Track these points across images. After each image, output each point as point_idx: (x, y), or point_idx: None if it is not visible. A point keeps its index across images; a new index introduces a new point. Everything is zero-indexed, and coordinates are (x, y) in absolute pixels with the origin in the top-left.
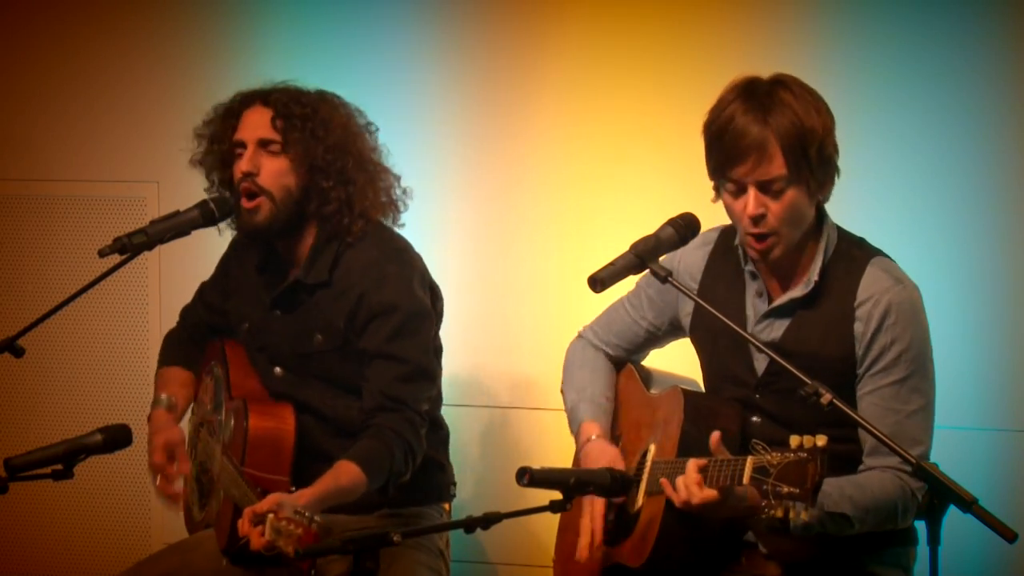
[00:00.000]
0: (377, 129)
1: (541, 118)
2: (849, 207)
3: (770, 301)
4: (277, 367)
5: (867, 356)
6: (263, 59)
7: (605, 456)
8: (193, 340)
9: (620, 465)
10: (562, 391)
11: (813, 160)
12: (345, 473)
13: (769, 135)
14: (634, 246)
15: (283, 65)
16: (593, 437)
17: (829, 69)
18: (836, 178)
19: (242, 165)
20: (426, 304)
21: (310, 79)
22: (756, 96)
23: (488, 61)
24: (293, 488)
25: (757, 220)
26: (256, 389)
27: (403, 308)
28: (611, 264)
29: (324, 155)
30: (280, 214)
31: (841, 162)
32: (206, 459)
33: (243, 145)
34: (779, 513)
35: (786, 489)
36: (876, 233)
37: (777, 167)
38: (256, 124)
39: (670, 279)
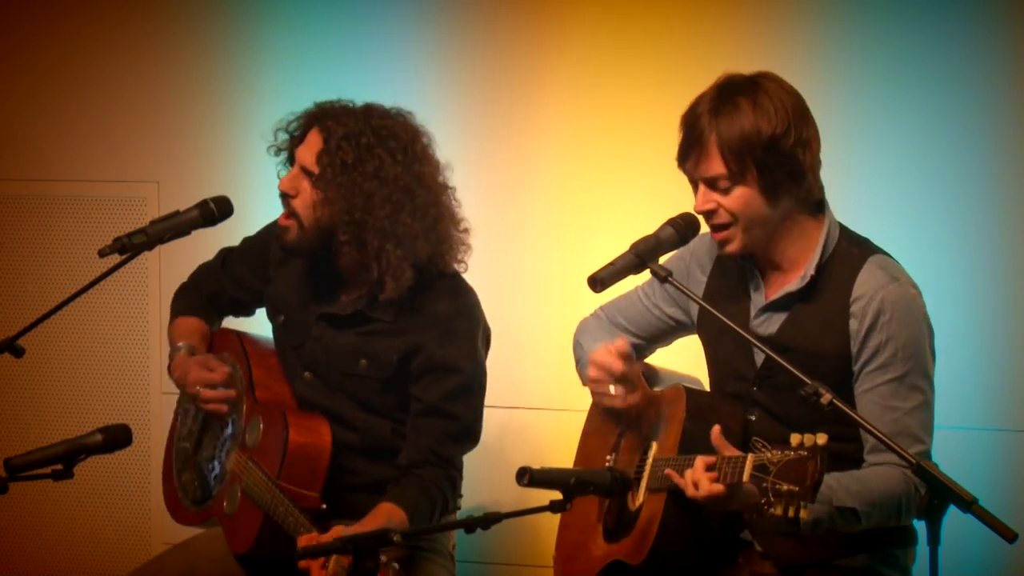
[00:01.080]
0: (452, 189)
1: (541, 117)
2: (850, 206)
3: (767, 291)
4: (308, 372)
5: (863, 353)
6: (263, 58)
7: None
8: (209, 303)
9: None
10: (576, 344)
11: (760, 160)
12: (396, 517)
13: (711, 135)
14: (634, 246)
15: (283, 62)
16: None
17: (830, 69)
18: (808, 179)
19: (283, 183)
20: (484, 364)
21: (310, 78)
22: (719, 94)
23: (489, 61)
24: (324, 506)
25: (707, 215)
26: (284, 396)
27: (466, 370)
28: (611, 264)
29: (341, 213)
30: (306, 240)
31: (843, 162)
32: (214, 453)
33: (295, 162)
34: (778, 511)
35: (786, 487)
36: (877, 232)
37: (715, 166)
38: (308, 149)
39: (670, 279)
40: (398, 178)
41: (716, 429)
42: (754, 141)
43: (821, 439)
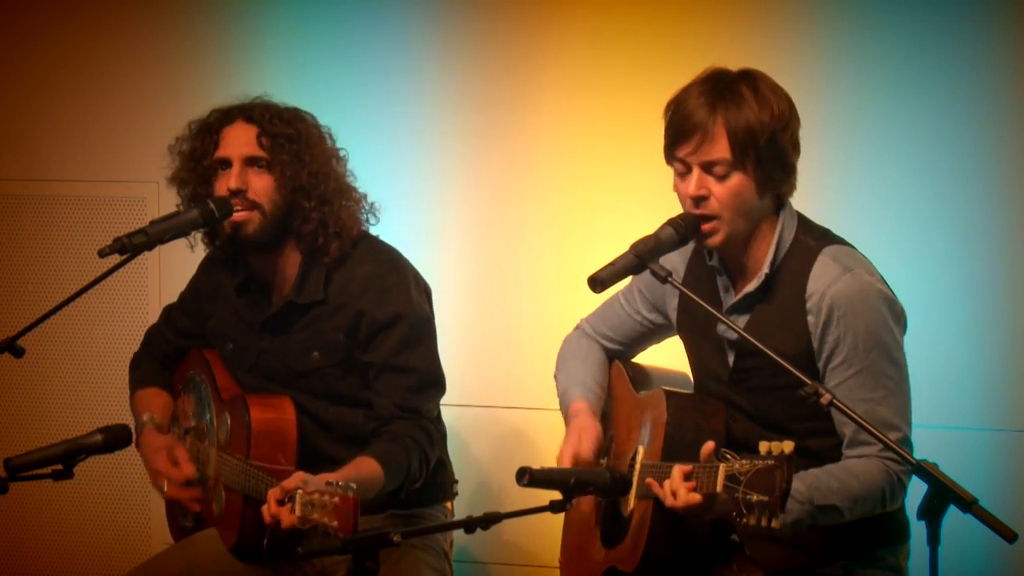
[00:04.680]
0: (346, 153)
1: (541, 118)
2: (848, 206)
3: (734, 296)
4: (273, 386)
5: (823, 350)
6: (263, 57)
7: (586, 433)
8: (162, 364)
9: (592, 436)
10: (555, 378)
11: (762, 151)
12: (366, 466)
13: (717, 118)
14: (634, 246)
15: (282, 63)
16: (580, 414)
17: (827, 69)
18: (791, 178)
19: (231, 183)
20: (427, 311)
21: (310, 76)
22: (716, 83)
23: (488, 61)
24: None
25: (698, 201)
26: (246, 388)
27: (407, 318)
28: (611, 264)
29: (308, 178)
30: (268, 227)
31: (841, 160)
32: (198, 465)
33: (227, 163)
34: (752, 521)
35: (755, 498)
36: (875, 232)
37: (720, 150)
38: (241, 141)
39: (670, 279)
40: (324, 139)
41: (708, 447)
42: (758, 131)
43: (788, 447)
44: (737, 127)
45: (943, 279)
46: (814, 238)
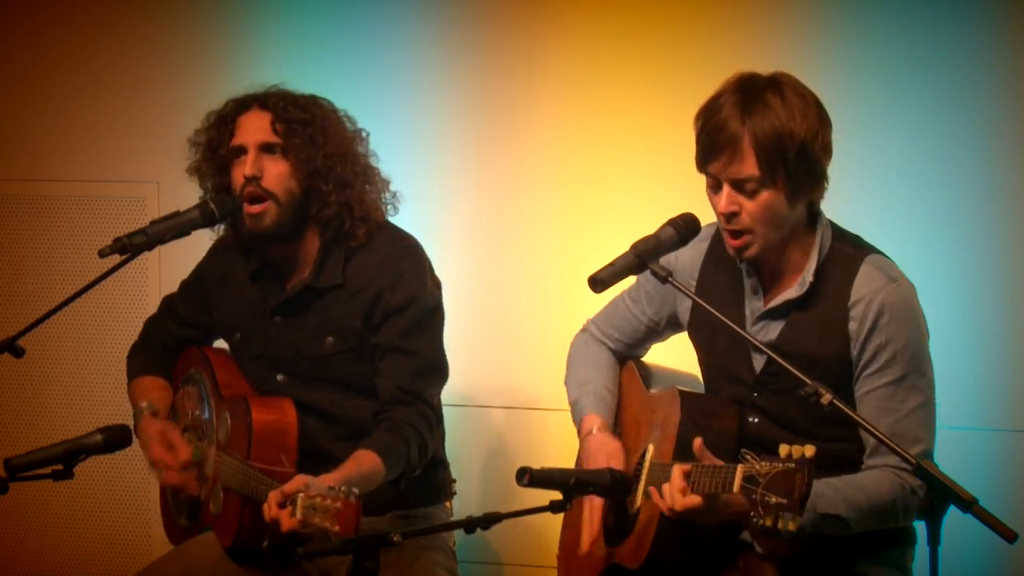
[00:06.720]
0: (368, 134)
1: (541, 118)
2: (849, 205)
3: (765, 298)
4: (280, 374)
5: (862, 356)
6: (264, 58)
7: (605, 449)
8: (162, 354)
9: (620, 459)
10: (565, 384)
11: (791, 164)
12: (366, 461)
13: (744, 134)
14: (634, 246)
15: (283, 63)
16: (594, 430)
17: (829, 68)
18: (825, 183)
19: (246, 170)
20: (439, 299)
21: (310, 77)
22: (745, 93)
23: (488, 61)
24: None
25: (729, 217)
26: (248, 388)
27: (419, 304)
28: (611, 264)
29: (324, 160)
30: (285, 217)
31: (842, 161)
32: (195, 455)
33: (243, 150)
34: (768, 523)
35: (774, 499)
36: (876, 232)
37: (748, 168)
38: (256, 128)
39: (670, 279)
40: (342, 122)
41: (698, 442)
42: (787, 143)
43: (809, 451)
44: (765, 142)
45: (943, 279)
46: (852, 246)
